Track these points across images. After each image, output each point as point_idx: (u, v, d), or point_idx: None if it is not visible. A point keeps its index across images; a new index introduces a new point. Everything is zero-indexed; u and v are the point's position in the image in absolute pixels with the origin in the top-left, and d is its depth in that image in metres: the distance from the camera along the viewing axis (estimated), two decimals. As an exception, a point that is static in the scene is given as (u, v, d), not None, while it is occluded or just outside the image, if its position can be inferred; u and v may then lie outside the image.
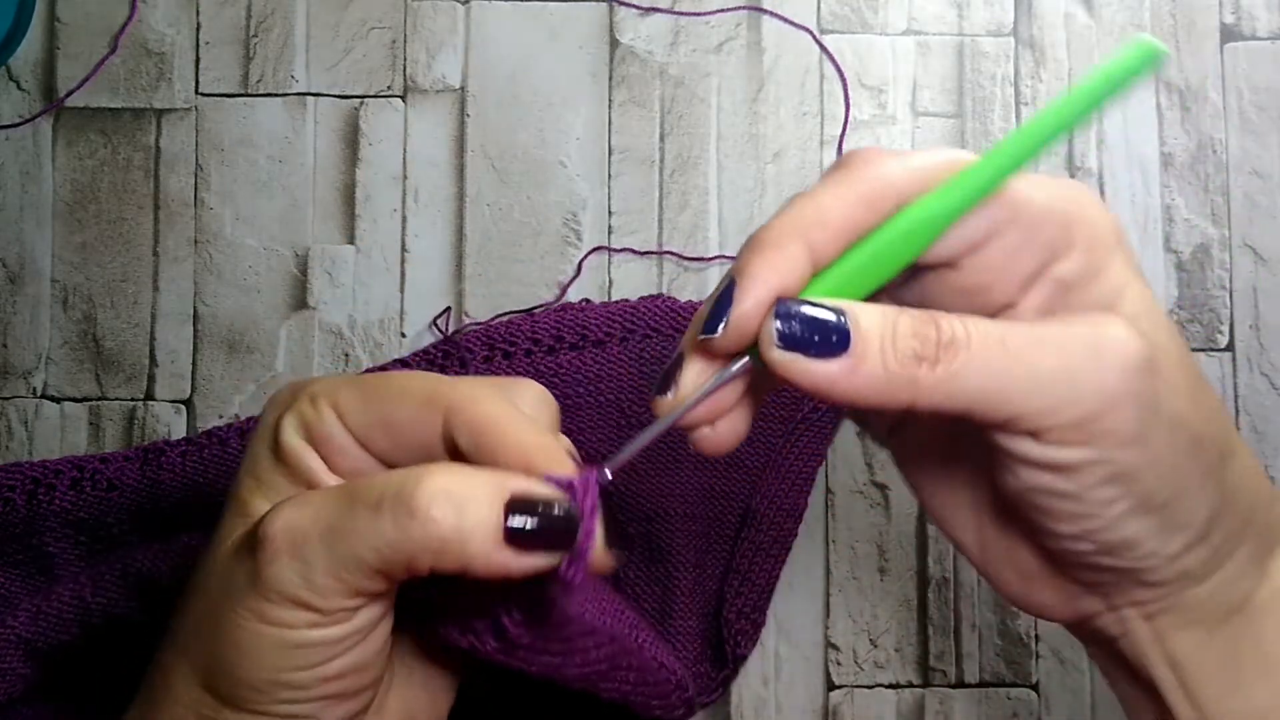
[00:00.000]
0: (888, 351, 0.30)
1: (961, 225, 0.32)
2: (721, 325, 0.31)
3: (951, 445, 0.36)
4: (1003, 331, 0.31)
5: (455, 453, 0.33)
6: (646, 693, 0.43)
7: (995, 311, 0.33)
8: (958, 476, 0.36)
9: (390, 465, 0.33)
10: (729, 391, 0.33)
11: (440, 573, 0.31)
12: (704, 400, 0.32)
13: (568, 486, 0.31)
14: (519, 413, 0.33)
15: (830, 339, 0.30)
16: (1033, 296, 0.33)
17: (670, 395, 0.33)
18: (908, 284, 0.34)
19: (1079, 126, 0.32)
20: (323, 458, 0.33)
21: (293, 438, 0.33)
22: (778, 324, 0.30)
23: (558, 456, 0.32)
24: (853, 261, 0.32)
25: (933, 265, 0.33)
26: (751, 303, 0.31)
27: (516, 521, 0.30)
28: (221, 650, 0.31)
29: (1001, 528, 0.36)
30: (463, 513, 0.30)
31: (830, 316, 0.30)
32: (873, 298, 0.33)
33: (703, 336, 0.32)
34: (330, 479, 0.33)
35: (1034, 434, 0.31)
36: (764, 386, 0.34)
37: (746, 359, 0.32)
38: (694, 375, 0.33)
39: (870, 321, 0.30)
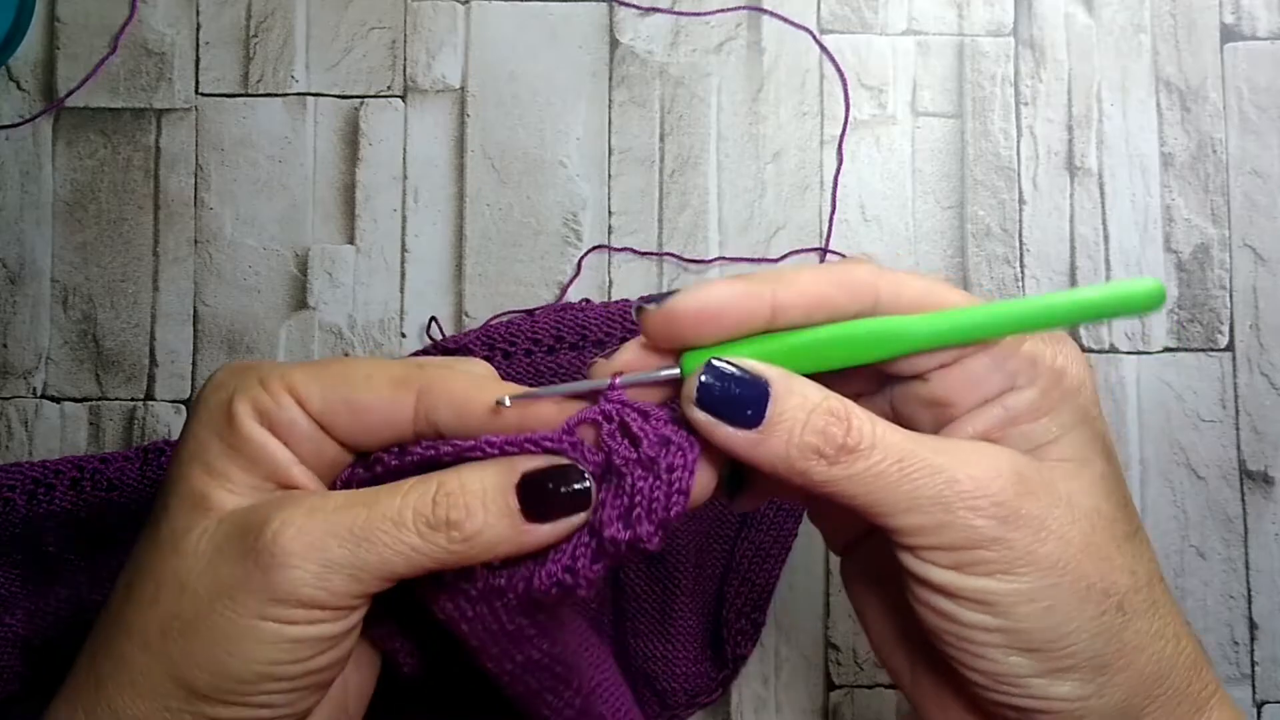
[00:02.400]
0: (793, 438, 0.33)
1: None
2: (656, 304, 0.33)
3: (892, 576, 0.37)
4: (907, 450, 0.33)
5: (426, 430, 0.34)
6: None
7: (946, 421, 0.36)
8: (894, 606, 0.38)
9: (350, 446, 0.35)
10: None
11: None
12: (634, 383, 0.35)
13: (567, 444, 0.33)
14: (488, 380, 0.35)
15: (744, 412, 0.33)
16: (980, 419, 0.35)
17: (602, 360, 0.35)
18: (881, 391, 0.37)
19: (1067, 327, 0.34)
20: (281, 443, 0.34)
21: (252, 426, 0.33)
22: (702, 379, 0.33)
23: (542, 407, 0.34)
24: (812, 336, 0.34)
25: (903, 376, 0.36)
26: (691, 303, 0.33)
27: (534, 501, 0.33)
28: (207, 647, 0.32)
29: (928, 665, 0.38)
30: (483, 512, 0.32)
31: (753, 389, 0.33)
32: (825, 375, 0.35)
33: (638, 302, 0.34)
34: (297, 468, 0.34)
35: (911, 548, 0.33)
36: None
37: (677, 370, 0.34)
38: (630, 351, 0.35)
39: (787, 405, 0.33)
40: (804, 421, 0.33)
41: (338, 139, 0.60)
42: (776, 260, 0.59)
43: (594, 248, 0.59)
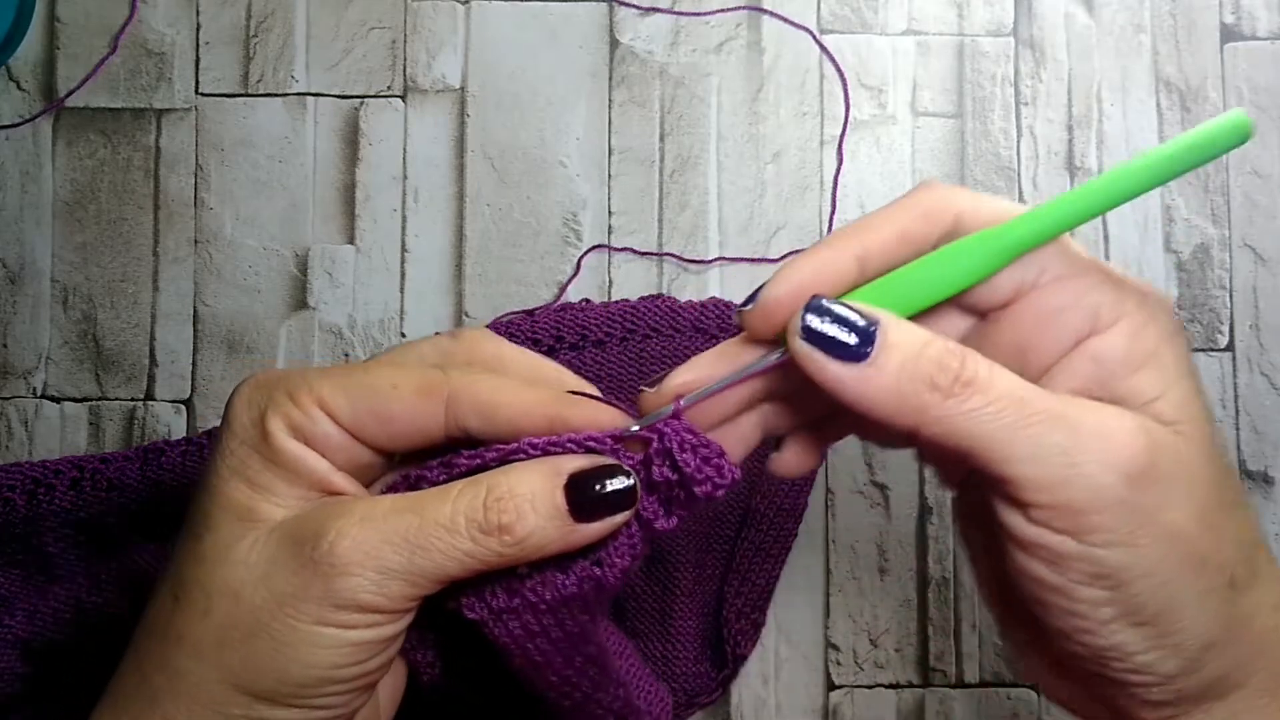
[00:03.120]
0: (905, 370, 0.31)
1: (1013, 266, 0.32)
2: (751, 304, 0.33)
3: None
4: (1025, 391, 0.31)
5: (456, 434, 0.35)
6: None
7: (1033, 378, 0.33)
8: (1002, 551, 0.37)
9: (383, 451, 0.36)
10: (732, 403, 0.35)
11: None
12: (719, 390, 0.34)
13: (610, 448, 0.34)
14: (511, 385, 0.35)
15: (852, 343, 0.31)
16: (1071, 373, 0.33)
17: (652, 390, 0.35)
18: (960, 339, 0.35)
19: (1147, 190, 0.31)
20: (319, 454, 0.34)
21: (288, 441, 0.34)
22: (807, 316, 0.31)
23: (567, 401, 0.34)
24: (904, 277, 0.33)
25: (979, 311, 0.34)
26: (784, 287, 0.32)
27: (581, 501, 0.33)
28: (268, 653, 0.32)
29: (1026, 617, 0.36)
30: (533, 515, 0.33)
31: (861, 322, 0.31)
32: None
33: (738, 307, 0.34)
34: (337, 475, 0.35)
35: (1023, 506, 0.31)
36: (784, 412, 0.35)
37: (770, 356, 0.33)
38: (683, 373, 0.35)
39: (899, 337, 0.31)
40: (918, 352, 0.31)
41: (338, 139, 0.60)
42: (776, 260, 0.59)
43: (594, 247, 0.59)
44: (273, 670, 0.32)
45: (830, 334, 0.31)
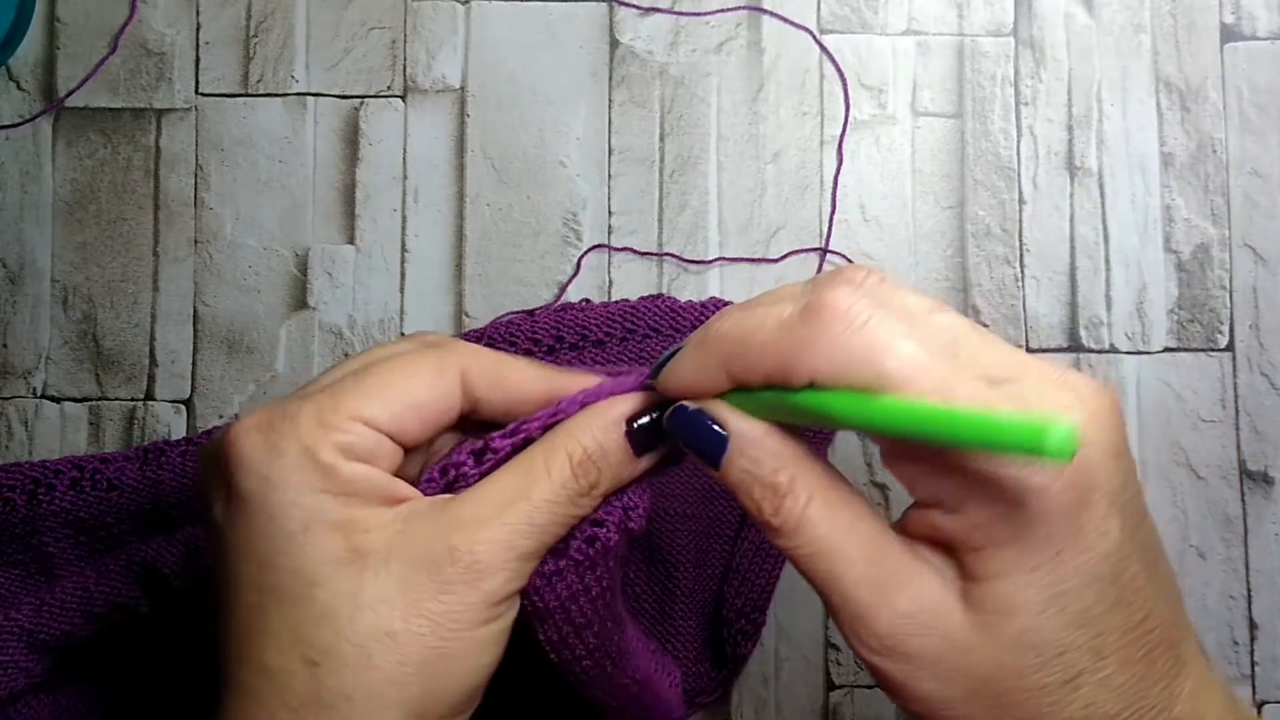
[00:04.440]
0: (739, 493, 0.35)
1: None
2: (654, 379, 0.37)
3: None
4: (822, 550, 0.33)
5: (467, 408, 0.38)
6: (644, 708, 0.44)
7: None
8: None
9: (411, 449, 0.37)
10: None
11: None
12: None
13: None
14: (512, 358, 0.39)
15: (707, 454, 0.35)
16: (927, 514, 0.33)
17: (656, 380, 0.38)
18: None
19: (958, 445, 0.29)
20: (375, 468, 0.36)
21: (351, 467, 0.34)
22: (672, 422, 0.36)
23: (568, 376, 0.39)
24: (772, 397, 0.34)
25: None
26: (671, 385, 0.36)
27: (641, 439, 0.37)
28: (451, 674, 0.34)
29: None
30: (607, 464, 0.36)
31: (712, 441, 0.35)
32: None
33: (654, 364, 0.37)
34: (398, 484, 0.36)
35: None
36: None
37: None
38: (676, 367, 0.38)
39: (736, 464, 0.35)
40: (747, 485, 0.34)
41: (338, 139, 0.60)
42: (776, 260, 0.59)
43: (594, 247, 0.59)
44: (454, 686, 0.34)
45: (689, 441, 0.35)
